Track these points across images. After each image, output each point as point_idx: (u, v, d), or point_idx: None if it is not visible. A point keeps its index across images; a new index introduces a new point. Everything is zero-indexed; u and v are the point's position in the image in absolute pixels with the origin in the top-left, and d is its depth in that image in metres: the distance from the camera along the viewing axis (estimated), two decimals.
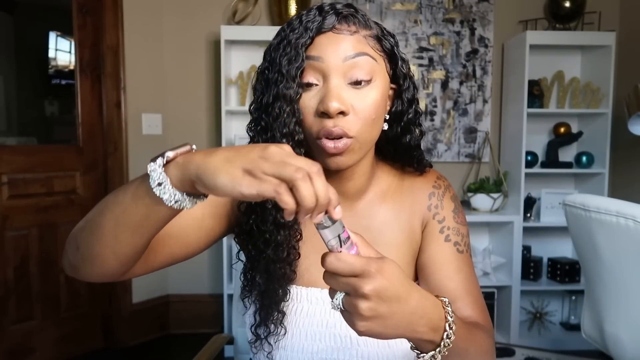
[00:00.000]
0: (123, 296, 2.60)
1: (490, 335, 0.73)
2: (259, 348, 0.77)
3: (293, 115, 0.66)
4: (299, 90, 0.66)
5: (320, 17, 0.67)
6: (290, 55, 0.65)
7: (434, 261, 0.78)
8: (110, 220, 0.58)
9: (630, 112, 2.15)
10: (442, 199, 0.81)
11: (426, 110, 2.77)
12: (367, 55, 0.68)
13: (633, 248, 1.20)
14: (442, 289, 0.76)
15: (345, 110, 0.66)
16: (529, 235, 2.72)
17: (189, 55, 2.73)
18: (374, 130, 0.70)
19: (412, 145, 0.78)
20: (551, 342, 2.62)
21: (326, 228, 0.51)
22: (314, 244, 0.77)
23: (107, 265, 0.61)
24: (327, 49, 0.66)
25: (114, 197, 0.58)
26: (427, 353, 0.58)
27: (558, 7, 2.60)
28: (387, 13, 2.72)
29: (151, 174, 0.53)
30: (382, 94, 0.70)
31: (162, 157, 0.52)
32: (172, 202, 0.53)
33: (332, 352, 0.76)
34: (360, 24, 0.69)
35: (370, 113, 0.68)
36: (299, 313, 0.76)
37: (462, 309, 0.75)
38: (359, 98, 0.67)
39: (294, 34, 0.66)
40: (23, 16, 2.65)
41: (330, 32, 0.67)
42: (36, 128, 2.73)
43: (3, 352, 2.21)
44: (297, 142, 0.67)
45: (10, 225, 2.24)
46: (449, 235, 0.79)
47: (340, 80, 0.67)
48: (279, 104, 0.66)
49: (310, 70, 0.67)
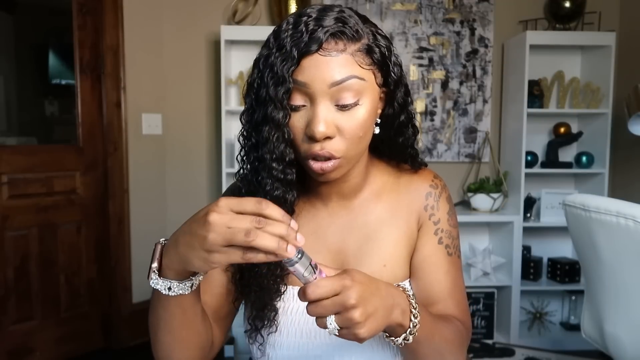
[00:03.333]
0: (123, 296, 2.60)
1: (462, 329, 0.78)
2: (254, 339, 0.79)
3: (283, 140, 0.67)
4: (287, 114, 0.66)
5: (306, 36, 0.64)
6: (276, 79, 0.65)
7: (427, 263, 0.80)
8: (167, 333, 0.68)
9: (630, 112, 2.15)
10: (439, 200, 0.82)
11: (426, 110, 2.77)
12: (354, 77, 0.66)
13: (633, 248, 1.21)
14: (430, 290, 0.79)
15: (331, 134, 0.67)
16: (529, 235, 2.72)
17: (189, 55, 2.73)
18: (361, 145, 0.71)
19: (406, 145, 0.80)
20: (551, 342, 2.62)
21: (296, 263, 0.54)
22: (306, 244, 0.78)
23: (191, 353, 0.71)
24: (313, 75, 0.65)
25: (156, 318, 0.67)
26: (399, 336, 0.64)
27: (558, 7, 2.60)
28: (387, 13, 2.72)
29: (158, 288, 0.61)
30: (370, 109, 0.69)
31: (154, 272, 0.60)
32: (188, 289, 0.61)
33: (326, 347, 0.77)
34: (349, 39, 0.66)
35: (357, 132, 0.68)
36: (295, 312, 0.77)
37: (445, 310, 0.79)
38: (345, 119, 0.67)
39: (281, 54, 0.65)
40: (23, 16, 2.65)
41: (316, 53, 0.64)
42: (36, 128, 2.73)
43: (3, 352, 2.21)
44: (288, 162, 0.69)
45: (11, 225, 2.24)
46: (442, 238, 0.81)
47: (327, 104, 0.66)
48: (268, 127, 0.67)
49: (298, 93, 0.66)
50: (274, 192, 0.69)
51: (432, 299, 0.79)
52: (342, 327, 0.56)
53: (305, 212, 0.81)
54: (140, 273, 2.66)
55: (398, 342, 0.64)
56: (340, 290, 0.56)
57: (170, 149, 2.76)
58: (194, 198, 2.77)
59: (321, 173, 0.69)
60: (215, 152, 2.78)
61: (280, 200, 0.69)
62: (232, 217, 0.51)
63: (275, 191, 0.69)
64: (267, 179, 0.69)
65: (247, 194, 0.72)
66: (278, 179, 0.69)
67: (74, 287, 2.46)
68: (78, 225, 2.47)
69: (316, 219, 0.81)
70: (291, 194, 0.71)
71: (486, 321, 2.50)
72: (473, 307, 2.50)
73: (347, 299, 0.55)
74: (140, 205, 2.65)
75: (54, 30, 2.75)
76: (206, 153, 2.79)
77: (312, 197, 0.81)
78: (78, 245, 2.47)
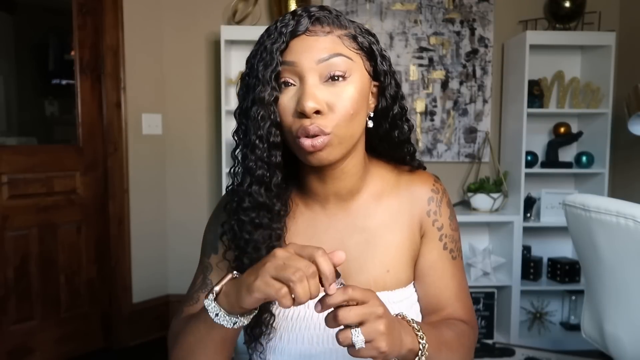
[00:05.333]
0: (123, 296, 2.60)
1: (468, 331, 0.80)
2: (253, 349, 0.78)
3: (268, 118, 0.67)
4: (274, 93, 0.67)
5: (293, 21, 0.68)
6: (265, 60, 0.67)
7: (433, 269, 0.81)
8: (202, 355, 0.70)
9: (630, 112, 2.15)
10: (440, 205, 0.82)
11: (426, 110, 2.77)
12: (341, 55, 0.68)
13: (633, 248, 1.21)
14: (438, 295, 0.80)
15: (320, 109, 0.67)
16: (529, 235, 2.72)
17: (189, 55, 2.73)
18: (353, 125, 0.70)
19: (401, 140, 0.80)
20: (551, 342, 2.62)
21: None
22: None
23: None
24: (301, 53, 0.67)
25: (194, 337, 0.69)
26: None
27: (558, 7, 2.60)
28: (387, 13, 2.72)
29: (207, 309, 0.64)
30: (359, 89, 0.70)
31: (212, 293, 0.63)
32: (231, 325, 0.64)
33: (330, 354, 0.76)
34: (334, 24, 0.69)
35: (347, 109, 0.68)
36: (295, 318, 0.76)
37: (453, 313, 0.80)
38: (334, 95, 0.68)
39: (270, 39, 0.68)
40: (23, 16, 2.65)
41: (304, 34, 0.67)
42: (36, 128, 2.73)
43: (3, 352, 2.21)
44: (272, 144, 0.68)
45: (11, 225, 2.24)
46: (447, 243, 0.82)
47: (316, 80, 0.68)
48: (255, 107, 0.68)
49: (287, 73, 0.68)
50: (256, 171, 0.69)
51: (441, 305, 0.80)
52: (367, 340, 0.57)
53: (302, 214, 0.80)
54: (140, 273, 2.66)
55: None
56: (369, 299, 0.58)
57: (170, 149, 2.76)
58: (194, 198, 2.78)
59: (312, 150, 0.68)
60: (215, 152, 2.78)
61: (263, 179, 0.69)
62: (292, 255, 0.58)
63: (258, 170, 0.69)
64: (252, 158, 0.69)
65: (238, 185, 0.72)
66: (261, 158, 0.68)
67: (74, 287, 2.46)
68: (78, 225, 2.47)
69: (314, 222, 0.79)
70: (275, 177, 0.70)
71: (486, 321, 2.50)
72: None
73: (376, 308, 0.58)
74: (140, 205, 2.65)
75: (54, 30, 2.75)
76: (206, 153, 2.79)
77: (309, 200, 0.80)
78: (78, 245, 2.47)
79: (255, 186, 0.69)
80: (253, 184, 0.69)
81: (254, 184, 0.69)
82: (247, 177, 0.70)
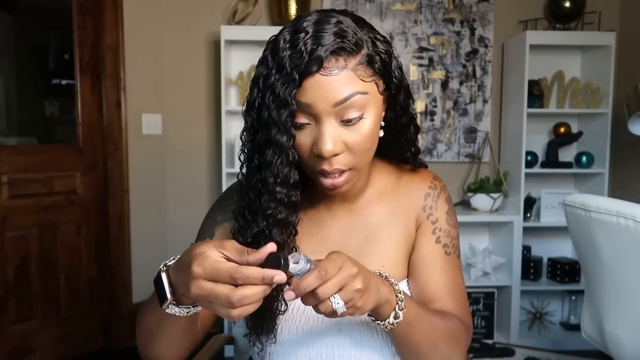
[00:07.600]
0: (123, 296, 2.60)
1: (459, 325, 0.77)
2: (254, 342, 0.79)
3: (287, 163, 0.66)
4: (291, 136, 0.65)
5: (307, 56, 0.62)
6: (278, 102, 0.63)
7: (423, 261, 0.80)
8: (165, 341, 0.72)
9: (630, 112, 2.15)
10: (437, 200, 0.83)
11: (426, 110, 2.77)
12: (357, 94, 0.65)
13: (633, 248, 1.20)
14: (424, 288, 0.79)
15: (339, 151, 0.67)
16: (529, 235, 2.72)
17: (189, 55, 2.72)
18: (369, 155, 0.72)
19: (407, 143, 0.81)
20: (551, 342, 2.62)
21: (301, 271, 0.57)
22: (307, 246, 0.79)
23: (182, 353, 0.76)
24: (316, 96, 0.64)
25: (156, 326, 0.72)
26: (389, 315, 0.66)
27: (558, 7, 2.60)
28: (387, 13, 2.72)
29: (171, 311, 0.63)
30: (374, 121, 0.69)
31: (165, 300, 0.62)
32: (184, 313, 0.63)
33: (328, 346, 0.77)
34: (349, 53, 0.64)
35: (365, 145, 0.69)
36: (295, 310, 0.77)
37: (442, 308, 0.78)
38: (351, 134, 0.67)
39: (281, 76, 0.63)
40: (23, 16, 2.65)
41: (317, 74, 0.63)
42: (36, 128, 2.73)
43: (3, 352, 2.21)
44: (292, 185, 0.68)
45: (11, 225, 2.24)
46: (440, 237, 0.81)
47: (332, 121, 0.66)
48: (272, 151, 0.65)
49: (301, 114, 0.66)
50: (277, 216, 0.68)
51: (428, 297, 0.79)
52: (346, 302, 0.58)
53: (307, 215, 0.81)
54: (140, 273, 2.66)
55: (389, 322, 0.66)
56: (342, 264, 0.58)
57: (170, 149, 2.76)
58: (194, 198, 2.77)
59: (332, 188, 0.70)
60: (215, 152, 2.78)
61: (282, 223, 0.69)
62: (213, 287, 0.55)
63: (279, 215, 0.68)
64: (270, 202, 0.67)
65: (250, 214, 0.70)
66: (282, 202, 0.68)
67: (74, 287, 2.46)
68: (78, 225, 2.47)
69: (318, 222, 0.81)
70: (294, 216, 0.70)
71: (486, 321, 2.50)
72: (473, 307, 2.50)
73: (350, 271, 0.58)
74: (140, 205, 2.65)
75: (54, 30, 2.75)
76: (206, 153, 2.79)
77: (315, 201, 0.81)
78: (78, 245, 2.47)
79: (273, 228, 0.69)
80: (271, 226, 0.69)
81: (272, 227, 0.69)
82: (261, 218, 0.69)
